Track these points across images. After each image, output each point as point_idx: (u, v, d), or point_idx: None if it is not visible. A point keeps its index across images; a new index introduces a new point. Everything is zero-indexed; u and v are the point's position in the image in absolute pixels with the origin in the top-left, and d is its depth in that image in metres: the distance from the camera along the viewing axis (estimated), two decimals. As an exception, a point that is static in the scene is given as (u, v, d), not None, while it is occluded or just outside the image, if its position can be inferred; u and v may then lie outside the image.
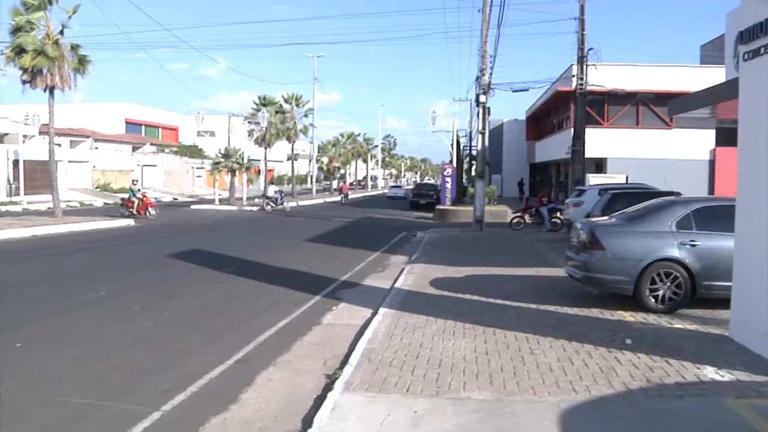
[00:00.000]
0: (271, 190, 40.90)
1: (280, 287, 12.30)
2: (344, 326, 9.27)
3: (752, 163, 7.42)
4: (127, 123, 67.00)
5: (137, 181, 33.50)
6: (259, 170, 53.58)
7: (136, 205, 29.67)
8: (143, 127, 70.45)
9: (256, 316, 9.90)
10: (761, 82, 7.24)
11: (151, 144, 66.16)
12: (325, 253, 17.86)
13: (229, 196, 43.70)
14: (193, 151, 71.61)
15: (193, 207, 40.90)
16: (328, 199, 56.16)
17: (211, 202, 43.70)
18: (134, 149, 62.27)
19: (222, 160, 43.34)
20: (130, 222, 26.94)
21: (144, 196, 30.72)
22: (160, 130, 74.44)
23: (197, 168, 66.14)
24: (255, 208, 39.75)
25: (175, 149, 69.60)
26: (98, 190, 50.01)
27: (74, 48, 25.08)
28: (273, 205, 38.88)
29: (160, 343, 8.16)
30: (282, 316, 9.77)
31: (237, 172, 43.87)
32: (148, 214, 29.78)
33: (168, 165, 61.64)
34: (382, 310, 9.67)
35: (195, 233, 23.95)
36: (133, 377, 6.80)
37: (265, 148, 49.73)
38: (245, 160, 44.71)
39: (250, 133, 50.64)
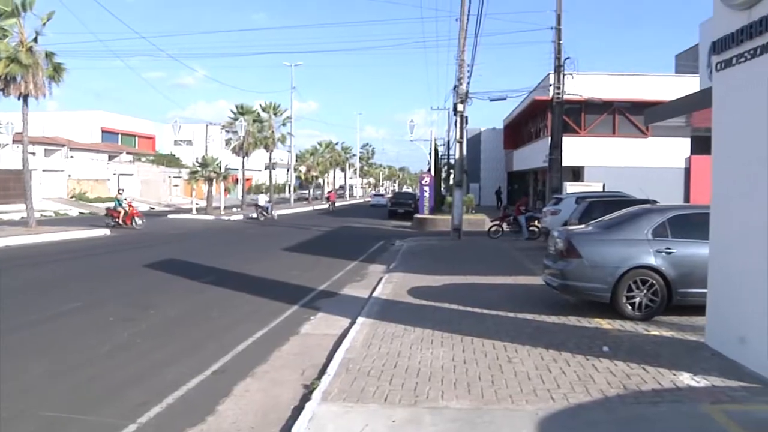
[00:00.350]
0: (262, 200, 41.43)
1: (257, 297, 12.23)
2: (322, 336, 9.23)
3: (726, 172, 7.51)
4: (103, 132, 66.41)
5: (123, 190, 33.06)
6: (237, 179, 53.46)
7: (122, 214, 29.37)
8: (120, 136, 69.90)
9: (233, 326, 9.83)
10: (734, 91, 7.34)
11: (127, 153, 65.72)
12: (304, 263, 17.80)
13: (206, 206, 43.42)
14: (171, 160, 71.14)
15: (171, 216, 40.60)
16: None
17: (189, 211, 43.43)
18: (110, 158, 61.81)
19: (199, 169, 43.12)
20: (106, 232, 26.67)
21: (130, 205, 30.35)
22: (136, 138, 73.91)
23: (174, 177, 65.73)
24: (233, 218, 39.56)
25: (152, 158, 69.12)
26: (74, 199, 49.50)
27: (49, 55, 24.84)
28: (265, 214, 39.08)
29: (137, 355, 8.08)
30: (260, 326, 9.70)
31: (214, 181, 43.64)
32: (134, 223, 29.47)
33: (145, 174, 61.19)
34: (360, 320, 9.64)
35: (172, 243, 23.76)
36: (108, 389, 6.71)
37: (243, 157, 49.58)
38: (223, 169, 44.51)
39: (228, 142, 50.47)
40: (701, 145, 32.44)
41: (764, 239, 6.56)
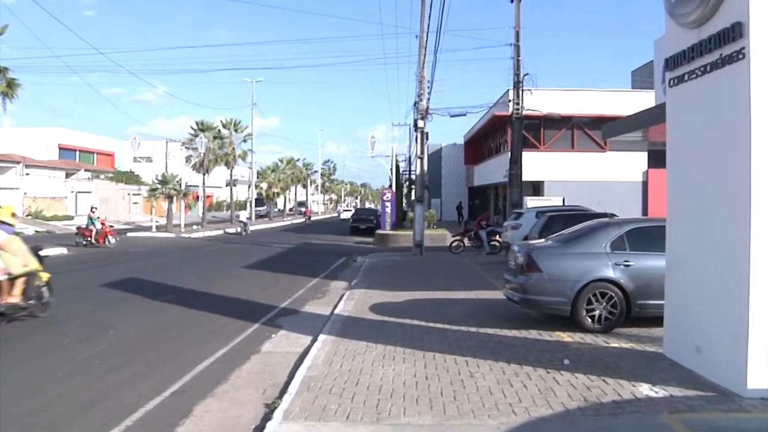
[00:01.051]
0: (243, 216, 44.02)
1: (218, 315, 12.08)
2: (284, 354, 9.14)
3: (680, 185, 7.65)
4: (60, 148, 65.19)
5: (96, 208, 32.19)
6: (198, 196, 52.93)
7: (94, 233, 28.74)
8: (77, 153, 68.68)
9: (193, 345, 9.68)
10: (686, 107, 7.50)
11: (85, 170, 64.60)
12: (265, 280, 17.67)
13: (166, 223, 42.91)
14: (130, 177, 70.17)
15: (130, 234, 39.96)
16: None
17: (149, 229, 42.82)
18: (68, 175, 60.66)
19: (159, 186, 42.66)
20: (63, 251, 25.94)
21: (103, 224, 29.73)
22: (95, 155, 72.73)
23: (134, 194, 64.86)
24: (194, 235, 39.13)
25: (110, 175, 68.05)
26: (29, 217, 48.44)
27: (2, 71, 24.46)
28: (246, 231, 40.74)
29: (94, 376, 7.90)
30: (220, 345, 9.58)
31: (175, 198, 43.19)
32: (108, 242, 28.86)
33: (103, 191, 60.21)
34: (321, 337, 9.58)
35: (131, 261, 23.38)
36: (65, 413, 6.53)
37: (203, 174, 49.18)
38: (183, 187, 44.07)
39: (188, 158, 50.00)
40: (658, 158, 32.95)
41: (717, 250, 6.69)
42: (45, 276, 11.82)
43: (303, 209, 79.88)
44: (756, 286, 6.12)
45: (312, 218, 70.58)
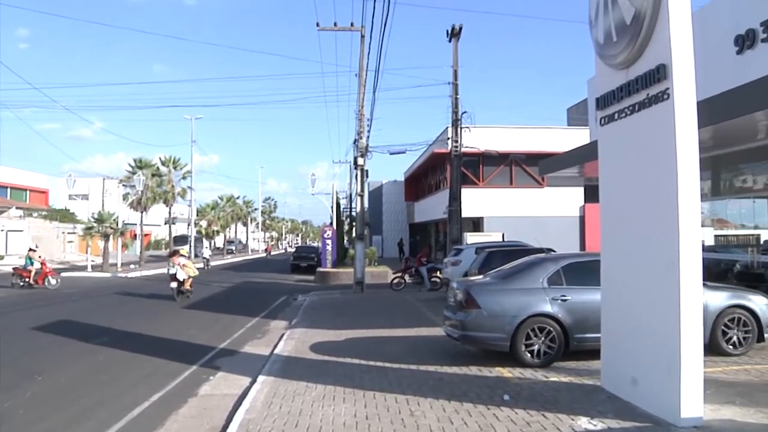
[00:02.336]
0: (206, 252, 47.54)
1: (154, 358, 11.76)
2: (222, 396, 8.94)
3: (613, 221, 7.85)
4: (-11, 185, 63.22)
5: (37, 247, 30.91)
6: (135, 234, 51.92)
7: (33, 274, 27.38)
8: (9, 190, 66.46)
9: (128, 390, 9.37)
10: (617, 145, 7.73)
11: (17, 207, 62.58)
12: (204, 320, 17.33)
13: (102, 263, 41.79)
14: (65, 215, 68.28)
15: (64, 274, 38.66)
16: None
17: (84, 269, 41.59)
18: (-2, 214, 58.72)
19: (95, 224, 41.62)
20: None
21: (43, 264, 28.38)
22: (27, 192, 70.55)
23: (69, 233, 63.06)
24: (132, 275, 38.18)
25: (44, 213, 66.01)
26: (-46, 259, 46.68)
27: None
28: (207, 267, 42.90)
29: (17, 428, 7.54)
30: (156, 389, 9.31)
31: (111, 237, 42.17)
32: (47, 283, 27.54)
33: (36, 230, 58.26)
34: (261, 378, 9.41)
35: (65, 303, 22.61)
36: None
37: (141, 212, 48.28)
38: (120, 225, 43.10)
39: (126, 196, 49.06)
40: (594, 193, 33.60)
41: (649, 284, 6.85)
42: None
43: (231, 247, 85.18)
44: (686, 317, 6.28)
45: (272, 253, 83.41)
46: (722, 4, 13.07)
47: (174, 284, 22.90)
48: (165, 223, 67.37)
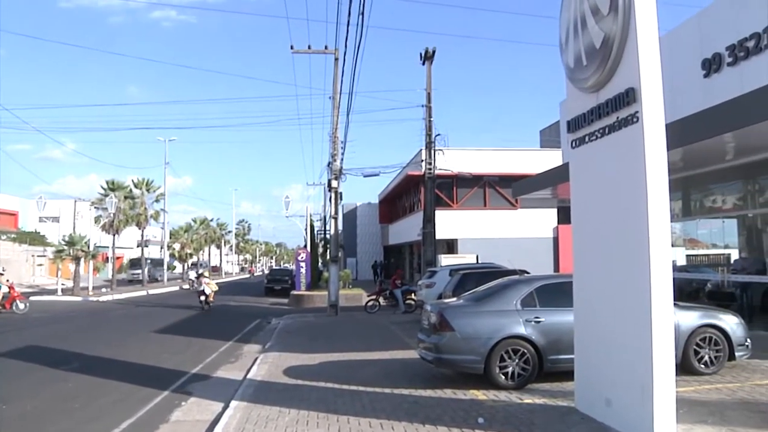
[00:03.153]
0: (192, 274, 48.95)
1: (125, 383, 11.55)
2: (194, 423, 8.81)
3: (584, 242, 7.90)
4: (-43, 207, 62.24)
5: (5, 270, 30.21)
6: (107, 257, 51.26)
7: (0, 298, 26.75)
8: (-24, 212, 65.67)
9: (97, 417, 9.19)
10: (588, 167, 7.80)
11: (-16, 230, 61.65)
12: (176, 345, 17.10)
13: (73, 286, 41.16)
14: (35, 238, 67.25)
15: (34, 298, 38.01)
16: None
17: (54, 292, 40.91)
18: (-35, 237, 57.76)
19: (66, 247, 41.01)
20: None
21: (12, 288, 27.69)
22: (-4, 214, 69.67)
23: (39, 256, 62.18)
24: (103, 299, 37.63)
25: (13, 236, 65.02)
26: None
27: None
28: (195, 285, 42.27)
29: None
30: (127, 416, 9.13)
31: (82, 260, 41.60)
32: (15, 308, 26.88)
33: (5, 252, 57.32)
34: (233, 403, 9.27)
35: (33, 327, 22.18)
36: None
37: (113, 235, 47.74)
38: (91, 248, 42.56)
39: (98, 219, 48.49)
40: (567, 215, 33.85)
41: (621, 305, 6.89)
42: None
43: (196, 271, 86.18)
44: (658, 337, 6.31)
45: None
46: (689, 29, 13.35)
47: (202, 297, 29.28)
48: (137, 246, 66.73)
